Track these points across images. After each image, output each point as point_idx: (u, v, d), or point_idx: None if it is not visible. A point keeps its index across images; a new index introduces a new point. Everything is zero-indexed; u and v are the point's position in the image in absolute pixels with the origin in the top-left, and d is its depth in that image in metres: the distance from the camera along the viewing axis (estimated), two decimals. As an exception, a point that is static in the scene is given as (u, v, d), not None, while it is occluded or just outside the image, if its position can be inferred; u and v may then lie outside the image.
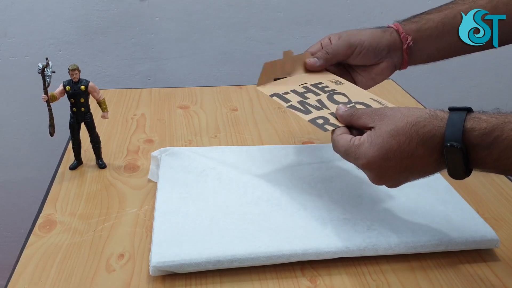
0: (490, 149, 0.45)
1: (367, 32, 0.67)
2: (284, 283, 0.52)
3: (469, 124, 0.47)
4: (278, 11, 1.32)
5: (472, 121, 0.47)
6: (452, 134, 0.46)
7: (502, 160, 0.45)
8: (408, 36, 0.67)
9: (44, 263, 0.53)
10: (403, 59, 0.69)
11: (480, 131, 0.46)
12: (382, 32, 0.68)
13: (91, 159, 0.73)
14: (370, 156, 0.50)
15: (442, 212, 0.60)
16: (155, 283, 0.51)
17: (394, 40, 0.68)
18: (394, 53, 0.68)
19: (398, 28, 0.68)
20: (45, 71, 0.63)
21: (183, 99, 0.97)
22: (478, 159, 0.47)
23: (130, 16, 1.26)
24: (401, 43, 0.68)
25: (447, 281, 0.53)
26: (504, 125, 0.45)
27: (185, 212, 0.58)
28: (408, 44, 0.67)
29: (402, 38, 0.67)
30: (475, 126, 0.46)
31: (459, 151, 0.46)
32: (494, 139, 0.45)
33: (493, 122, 0.46)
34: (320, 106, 0.61)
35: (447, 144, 0.46)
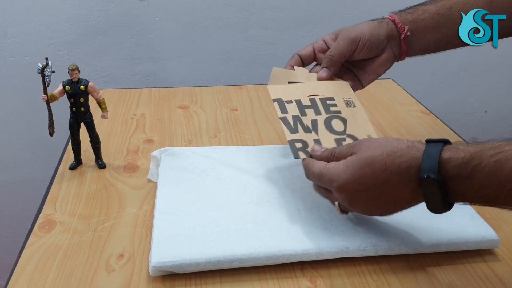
0: (469, 180, 0.44)
1: (364, 25, 0.67)
2: (284, 283, 0.52)
3: (446, 155, 0.45)
4: (278, 11, 1.32)
5: (449, 152, 0.45)
6: (428, 165, 0.45)
7: (485, 190, 0.44)
8: (405, 26, 0.67)
9: (44, 263, 0.53)
10: (401, 50, 0.69)
11: (458, 161, 0.44)
12: (378, 23, 0.68)
13: (91, 159, 0.73)
14: (344, 178, 0.50)
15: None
16: (155, 283, 0.51)
17: (392, 30, 0.67)
18: (393, 43, 0.68)
19: (394, 19, 0.68)
20: (45, 71, 0.63)
21: (183, 99, 0.97)
22: (457, 191, 0.45)
23: (130, 16, 1.26)
24: (398, 33, 0.68)
25: (447, 281, 0.53)
26: (482, 153, 0.43)
27: (185, 212, 0.58)
28: (406, 34, 0.67)
29: (399, 29, 0.67)
30: (452, 156, 0.45)
31: (436, 183, 0.45)
32: (473, 168, 0.44)
33: (471, 150, 0.44)
34: (311, 128, 0.60)
35: (423, 175, 0.45)
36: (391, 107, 0.96)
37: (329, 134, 0.60)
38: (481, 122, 1.58)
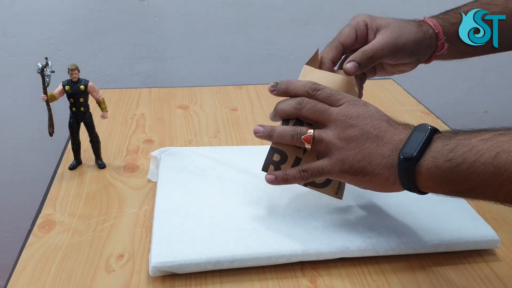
0: (450, 139, 0.46)
1: (411, 32, 0.61)
2: (284, 283, 0.52)
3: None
4: (278, 11, 1.32)
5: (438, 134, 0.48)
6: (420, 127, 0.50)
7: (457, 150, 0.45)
8: (446, 43, 0.63)
9: (44, 263, 0.53)
10: (429, 58, 0.65)
11: (444, 135, 0.48)
12: (423, 34, 0.62)
13: (91, 159, 0.73)
14: (356, 98, 0.53)
15: (443, 212, 0.60)
16: (155, 283, 0.51)
17: (432, 44, 0.63)
18: (427, 53, 0.64)
19: (438, 32, 0.63)
20: (45, 71, 0.63)
21: (183, 99, 0.97)
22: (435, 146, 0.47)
23: (130, 16, 1.26)
24: (436, 47, 0.64)
25: (447, 281, 0.53)
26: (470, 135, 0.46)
27: (185, 212, 0.58)
28: (443, 52, 0.64)
29: (439, 44, 0.63)
30: (439, 136, 0.48)
31: (428, 130, 0.48)
32: (457, 133, 0.47)
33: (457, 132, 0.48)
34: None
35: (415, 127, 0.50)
36: (391, 107, 0.96)
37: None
38: (481, 122, 1.58)
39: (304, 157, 0.55)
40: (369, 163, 0.50)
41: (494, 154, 0.42)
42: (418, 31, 0.62)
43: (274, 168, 0.56)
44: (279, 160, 0.56)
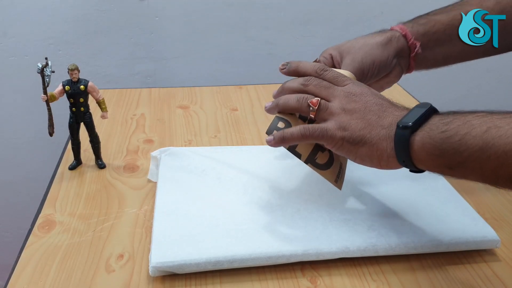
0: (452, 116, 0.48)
1: (373, 47, 0.63)
2: (284, 283, 0.52)
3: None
4: (278, 11, 1.32)
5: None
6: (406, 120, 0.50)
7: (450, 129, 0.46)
8: (417, 42, 0.64)
9: (44, 263, 0.53)
10: (409, 65, 0.67)
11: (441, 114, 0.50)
12: (388, 40, 0.64)
13: (91, 159, 0.73)
14: (356, 82, 0.55)
15: (443, 212, 0.60)
16: (155, 283, 0.51)
17: (402, 47, 0.64)
18: (402, 60, 0.65)
19: (406, 33, 0.64)
20: (45, 71, 0.63)
21: (183, 99, 0.97)
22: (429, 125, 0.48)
23: (130, 16, 1.26)
24: (408, 49, 0.65)
25: (447, 281, 0.53)
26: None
27: (184, 212, 0.58)
28: (417, 52, 0.65)
29: (410, 45, 0.64)
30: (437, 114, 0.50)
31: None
32: (455, 114, 0.49)
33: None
34: None
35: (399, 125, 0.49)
36: (391, 107, 0.96)
37: None
38: (481, 122, 1.58)
39: None
40: (369, 132, 0.51)
41: (485, 128, 0.44)
42: (381, 40, 0.64)
43: None
44: (284, 127, 0.56)
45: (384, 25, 0.69)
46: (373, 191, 0.64)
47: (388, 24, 0.68)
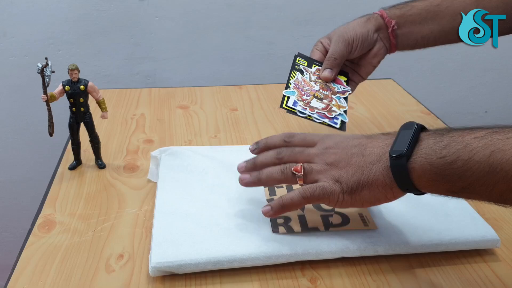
0: (441, 137, 0.46)
1: (355, 24, 0.72)
2: (284, 283, 0.52)
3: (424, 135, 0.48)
4: (278, 11, 1.32)
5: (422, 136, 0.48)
6: (399, 146, 0.48)
7: (449, 148, 0.45)
8: (392, 20, 0.71)
9: (44, 264, 0.53)
10: (390, 42, 0.72)
11: (431, 133, 0.48)
12: (367, 19, 0.72)
13: (91, 159, 0.73)
14: (330, 135, 0.56)
15: (443, 212, 0.60)
16: (155, 283, 0.51)
17: (380, 24, 0.72)
18: (383, 36, 0.72)
19: (382, 14, 0.72)
20: (45, 71, 0.63)
21: (182, 99, 0.97)
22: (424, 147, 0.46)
23: (130, 16, 1.26)
24: (386, 27, 0.71)
25: (447, 281, 0.53)
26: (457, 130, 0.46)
27: (184, 212, 0.58)
28: (393, 27, 0.71)
29: (387, 23, 0.71)
30: (424, 137, 0.48)
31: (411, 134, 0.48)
32: (448, 133, 0.46)
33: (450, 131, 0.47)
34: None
35: (392, 154, 0.48)
36: (391, 107, 0.96)
37: (315, 211, 0.58)
38: (481, 122, 1.58)
39: None
40: (362, 173, 0.50)
41: (489, 152, 0.42)
42: (361, 20, 0.72)
43: None
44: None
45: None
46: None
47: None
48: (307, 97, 0.66)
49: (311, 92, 0.67)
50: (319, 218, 0.57)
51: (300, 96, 0.66)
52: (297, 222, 0.56)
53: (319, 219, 0.57)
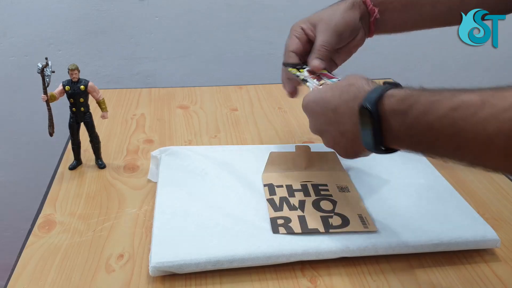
0: (403, 115, 0.45)
1: (341, 11, 0.67)
2: (284, 283, 0.52)
3: (389, 92, 0.47)
4: (278, 11, 1.32)
5: (393, 91, 0.47)
6: (370, 97, 0.47)
7: (415, 128, 0.44)
8: (375, 8, 0.69)
9: (44, 263, 0.53)
10: (370, 30, 0.71)
11: (396, 97, 0.46)
12: (352, 7, 0.68)
13: (91, 159, 0.73)
14: (307, 98, 0.56)
15: (442, 212, 0.60)
16: (155, 283, 0.51)
17: (363, 11, 0.69)
18: (364, 24, 0.70)
19: (365, 0, 0.69)
20: (45, 71, 0.63)
21: (182, 99, 0.97)
22: (390, 127, 0.46)
23: (130, 16, 1.26)
24: (368, 15, 0.69)
25: (447, 281, 0.53)
26: (420, 94, 0.45)
27: (185, 212, 0.58)
28: (375, 16, 0.69)
29: (370, 11, 0.69)
30: (394, 93, 0.47)
31: (369, 114, 0.46)
32: (408, 106, 0.45)
33: (410, 91, 0.46)
34: (297, 206, 0.59)
35: (362, 104, 0.47)
36: (391, 107, 0.96)
37: (315, 211, 0.59)
38: (481, 122, 1.58)
39: None
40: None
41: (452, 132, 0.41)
42: (345, 7, 0.68)
43: None
44: None
45: None
46: (373, 190, 0.64)
47: None
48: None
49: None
50: (319, 219, 0.57)
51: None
52: (297, 223, 0.56)
53: (319, 220, 0.57)
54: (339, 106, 0.51)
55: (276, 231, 0.55)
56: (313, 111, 0.56)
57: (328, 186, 0.64)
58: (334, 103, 0.52)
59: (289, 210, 0.59)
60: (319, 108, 0.54)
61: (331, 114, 0.53)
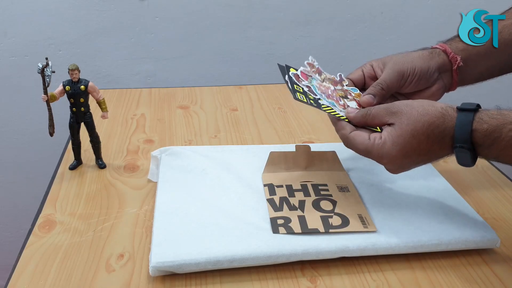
0: (490, 148, 0.51)
1: (414, 56, 0.65)
2: (284, 283, 0.52)
3: (476, 126, 0.51)
4: (278, 11, 1.32)
5: (476, 123, 0.51)
6: (461, 136, 0.51)
7: (502, 158, 0.51)
8: (457, 56, 0.65)
9: (44, 263, 0.53)
10: (452, 80, 0.67)
11: (482, 132, 0.51)
12: (429, 54, 0.66)
13: (91, 159, 0.73)
14: (394, 155, 0.54)
15: (442, 212, 0.60)
16: (155, 283, 0.51)
17: (443, 61, 0.66)
18: (444, 75, 0.66)
19: (445, 49, 0.66)
20: (45, 71, 0.63)
21: (183, 99, 0.97)
22: (482, 155, 0.52)
23: (130, 16, 1.26)
24: (450, 64, 0.66)
25: (447, 281, 0.53)
26: (502, 127, 0.50)
27: (185, 212, 0.58)
28: (458, 64, 0.65)
29: (451, 59, 0.65)
30: (478, 127, 0.51)
31: (468, 151, 0.51)
32: (494, 140, 0.50)
33: (494, 123, 0.50)
34: (297, 207, 0.59)
35: (457, 145, 0.51)
36: (391, 107, 0.96)
37: (315, 211, 0.59)
38: (481, 122, 1.58)
39: None
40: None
41: None
42: (423, 53, 0.66)
43: None
44: None
45: (384, 25, 0.70)
46: (373, 190, 0.64)
47: (387, 24, 0.69)
48: (339, 100, 0.62)
49: (334, 93, 0.63)
50: (319, 219, 0.57)
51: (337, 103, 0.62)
52: (297, 223, 0.56)
53: (319, 220, 0.57)
54: (431, 148, 0.53)
55: (276, 231, 0.55)
56: (403, 162, 0.55)
57: (328, 186, 0.64)
58: (426, 148, 0.53)
59: (289, 210, 0.59)
60: (411, 158, 0.55)
61: (424, 157, 0.55)
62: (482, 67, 0.67)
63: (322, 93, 0.61)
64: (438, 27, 1.32)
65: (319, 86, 0.62)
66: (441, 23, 1.34)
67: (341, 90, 0.64)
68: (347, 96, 0.63)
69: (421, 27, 1.33)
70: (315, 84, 0.62)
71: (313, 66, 0.65)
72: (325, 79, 0.64)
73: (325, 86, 0.63)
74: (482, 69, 0.68)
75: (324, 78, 0.64)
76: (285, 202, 0.60)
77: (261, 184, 0.65)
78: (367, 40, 1.34)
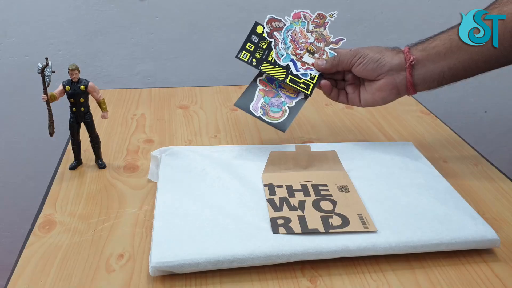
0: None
1: (375, 48, 0.71)
2: (284, 283, 0.52)
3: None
4: (278, 11, 1.31)
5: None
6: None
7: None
8: (412, 55, 0.68)
9: (44, 263, 0.53)
10: (406, 80, 0.69)
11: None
12: (389, 49, 0.70)
13: (91, 159, 0.73)
14: None
15: (442, 212, 0.60)
16: (155, 283, 0.51)
17: (399, 59, 0.69)
18: (397, 73, 0.69)
19: (404, 49, 0.70)
20: (45, 71, 0.63)
21: (183, 99, 0.97)
22: None
23: (130, 16, 1.26)
24: (405, 63, 0.68)
25: (447, 281, 0.53)
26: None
27: (185, 212, 0.58)
28: (411, 62, 0.67)
29: (406, 57, 0.68)
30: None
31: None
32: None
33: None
34: (297, 207, 0.59)
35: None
36: (391, 107, 0.96)
37: (315, 211, 0.59)
38: (481, 122, 1.58)
39: None
40: None
41: None
42: (384, 48, 0.71)
43: None
44: None
45: (384, 25, 0.72)
46: (373, 190, 0.64)
47: (387, 24, 0.71)
48: (301, 51, 0.72)
49: (306, 45, 0.72)
50: (319, 219, 0.57)
51: (294, 51, 0.72)
52: (297, 223, 0.56)
53: (319, 220, 0.57)
54: None
55: (276, 231, 0.55)
56: None
57: (328, 186, 0.64)
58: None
59: (289, 210, 0.59)
60: None
61: None
62: (443, 67, 0.68)
63: (292, 43, 0.71)
64: (438, 27, 1.32)
65: (300, 32, 0.70)
66: (441, 23, 1.34)
67: (318, 47, 0.72)
68: (315, 53, 0.74)
69: (421, 27, 1.33)
70: (297, 29, 0.71)
71: (325, 17, 0.76)
72: (317, 32, 0.72)
73: (306, 36, 0.71)
74: (444, 69, 0.68)
75: (317, 31, 0.72)
76: (285, 202, 0.60)
77: (261, 184, 0.65)
78: (367, 40, 1.34)
